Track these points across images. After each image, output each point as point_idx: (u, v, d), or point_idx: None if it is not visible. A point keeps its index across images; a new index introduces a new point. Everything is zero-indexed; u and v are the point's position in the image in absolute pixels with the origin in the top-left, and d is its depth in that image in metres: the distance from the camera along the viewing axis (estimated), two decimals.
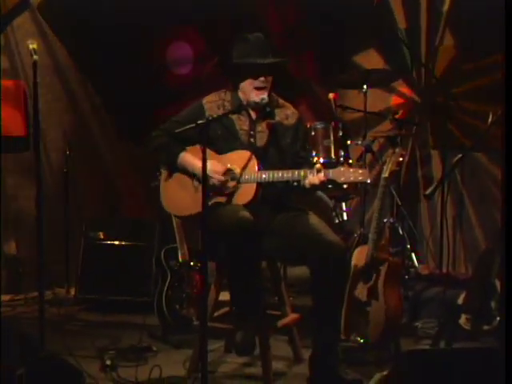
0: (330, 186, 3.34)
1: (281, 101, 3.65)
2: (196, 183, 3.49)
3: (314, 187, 3.31)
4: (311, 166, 3.36)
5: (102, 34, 5.33)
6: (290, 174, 3.33)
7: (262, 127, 3.58)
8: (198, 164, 3.25)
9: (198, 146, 3.49)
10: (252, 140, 3.55)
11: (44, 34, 5.37)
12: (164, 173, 3.65)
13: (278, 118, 3.60)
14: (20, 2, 5.25)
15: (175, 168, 3.58)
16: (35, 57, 3.27)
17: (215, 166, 3.43)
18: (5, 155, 4.97)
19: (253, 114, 3.59)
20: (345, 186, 4.43)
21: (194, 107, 3.63)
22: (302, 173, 3.30)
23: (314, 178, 3.26)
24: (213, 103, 3.59)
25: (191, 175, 3.52)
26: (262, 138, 3.56)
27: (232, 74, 3.57)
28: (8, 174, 5.16)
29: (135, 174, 5.76)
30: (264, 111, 3.57)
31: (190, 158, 3.51)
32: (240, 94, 3.59)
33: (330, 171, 3.23)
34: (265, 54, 3.51)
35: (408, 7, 5.64)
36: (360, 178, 3.19)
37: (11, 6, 5.21)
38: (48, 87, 5.32)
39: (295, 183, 3.39)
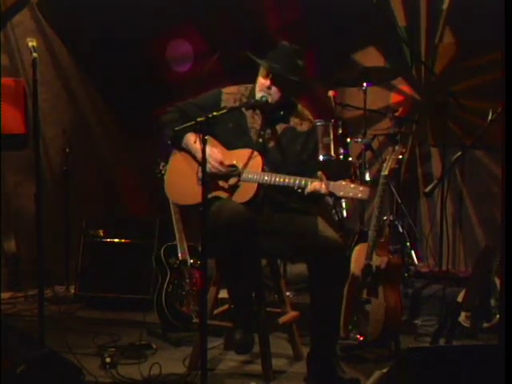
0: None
1: (299, 107, 3.58)
2: (199, 174, 3.44)
3: (312, 195, 3.26)
4: (314, 175, 3.31)
5: (102, 32, 5.32)
6: (291, 181, 3.29)
7: (273, 129, 3.53)
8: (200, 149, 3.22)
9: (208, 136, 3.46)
10: (261, 140, 3.51)
11: (43, 32, 5.35)
12: (172, 156, 3.62)
13: (291, 123, 3.54)
14: None
15: (180, 147, 3.55)
16: (35, 54, 3.27)
17: (214, 153, 3.41)
18: (4, 153, 4.97)
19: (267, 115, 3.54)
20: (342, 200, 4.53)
21: (212, 94, 3.59)
22: (303, 181, 3.26)
23: (314, 185, 3.23)
24: (231, 95, 3.56)
25: (195, 159, 3.47)
26: (271, 140, 3.51)
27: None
28: (8, 171, 5.16)
29: (135, 172, 5.75)
30: (278, 114, 3.53)
31: (194, 141, 3.46)
32: (256, 92, 3.53)
33: (331, 183, 3.20)
34: (280, 61, 3.44)
35: (408, 5, 5.65)
36: (359, 196, 3.15)
37: (10, 4, 5.20)
38: (47, 85, 5.31)
39: (299, 190, 3.35)
